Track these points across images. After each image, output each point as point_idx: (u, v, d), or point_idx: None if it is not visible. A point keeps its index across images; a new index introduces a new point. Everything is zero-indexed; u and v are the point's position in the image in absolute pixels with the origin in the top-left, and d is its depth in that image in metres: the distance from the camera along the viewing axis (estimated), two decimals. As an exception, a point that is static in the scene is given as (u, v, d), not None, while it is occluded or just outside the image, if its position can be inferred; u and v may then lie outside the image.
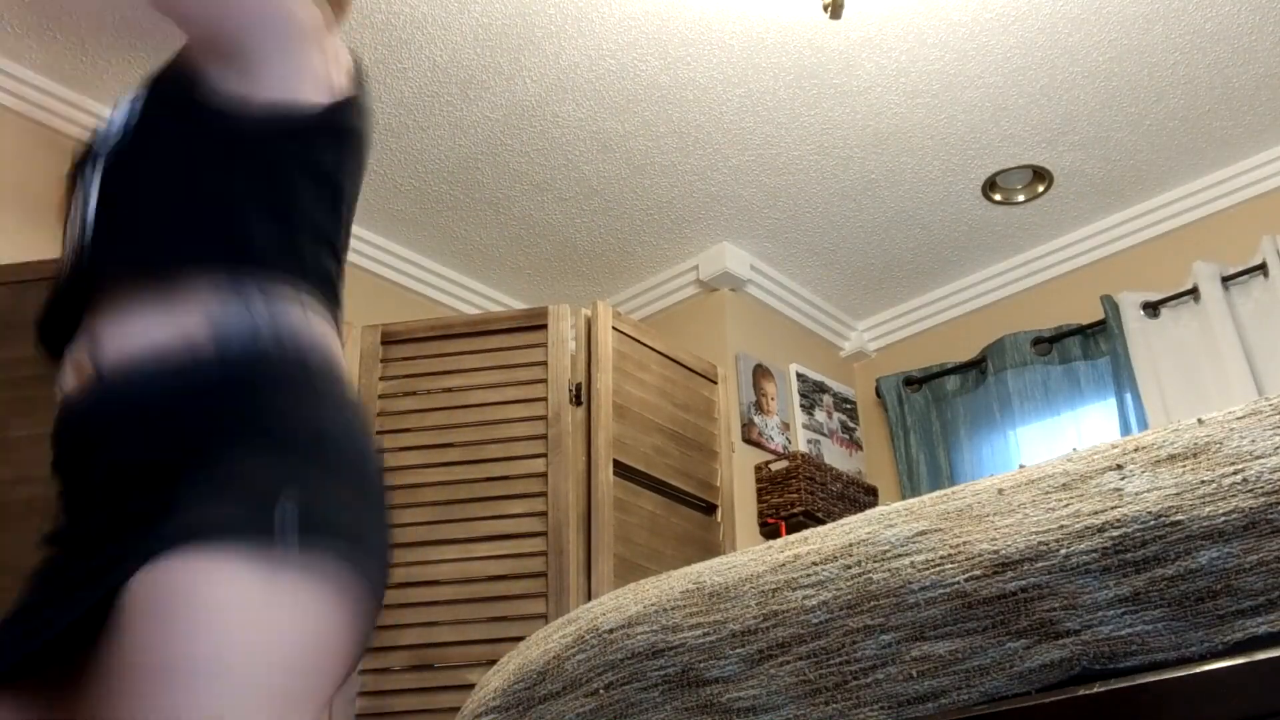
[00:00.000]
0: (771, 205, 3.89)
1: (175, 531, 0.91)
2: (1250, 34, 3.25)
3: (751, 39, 3.24)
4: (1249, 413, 1.18)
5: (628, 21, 3.15)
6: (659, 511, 3.15)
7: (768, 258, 4.17)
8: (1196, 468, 1.14)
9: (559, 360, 3.06)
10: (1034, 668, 1.11)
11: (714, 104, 3.45)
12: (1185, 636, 1.05)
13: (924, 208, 3.92)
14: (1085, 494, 1.19)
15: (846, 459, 4.25)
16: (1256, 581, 1.04)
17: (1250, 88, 3.44)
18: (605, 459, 3.01)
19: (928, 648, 1.17)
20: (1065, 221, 4.03)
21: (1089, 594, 1.10)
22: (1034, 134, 3.61)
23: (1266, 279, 3.56)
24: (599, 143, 3.57)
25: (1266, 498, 1.07)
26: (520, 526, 2.87)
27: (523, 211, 3.86)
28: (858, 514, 1.40)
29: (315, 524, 0.95)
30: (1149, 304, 3.75)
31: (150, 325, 1.05)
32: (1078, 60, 3.32)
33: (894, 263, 4.22)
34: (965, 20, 3.19)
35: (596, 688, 1.36)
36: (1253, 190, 3.76)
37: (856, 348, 4.53)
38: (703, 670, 1.30)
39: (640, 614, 1.39)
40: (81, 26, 3.07)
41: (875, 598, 1.22)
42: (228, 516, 0.92)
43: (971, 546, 1.20)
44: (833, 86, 3.41)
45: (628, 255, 4.13)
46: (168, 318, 1.04)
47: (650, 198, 3.83)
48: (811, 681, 1.22)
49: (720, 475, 3.41)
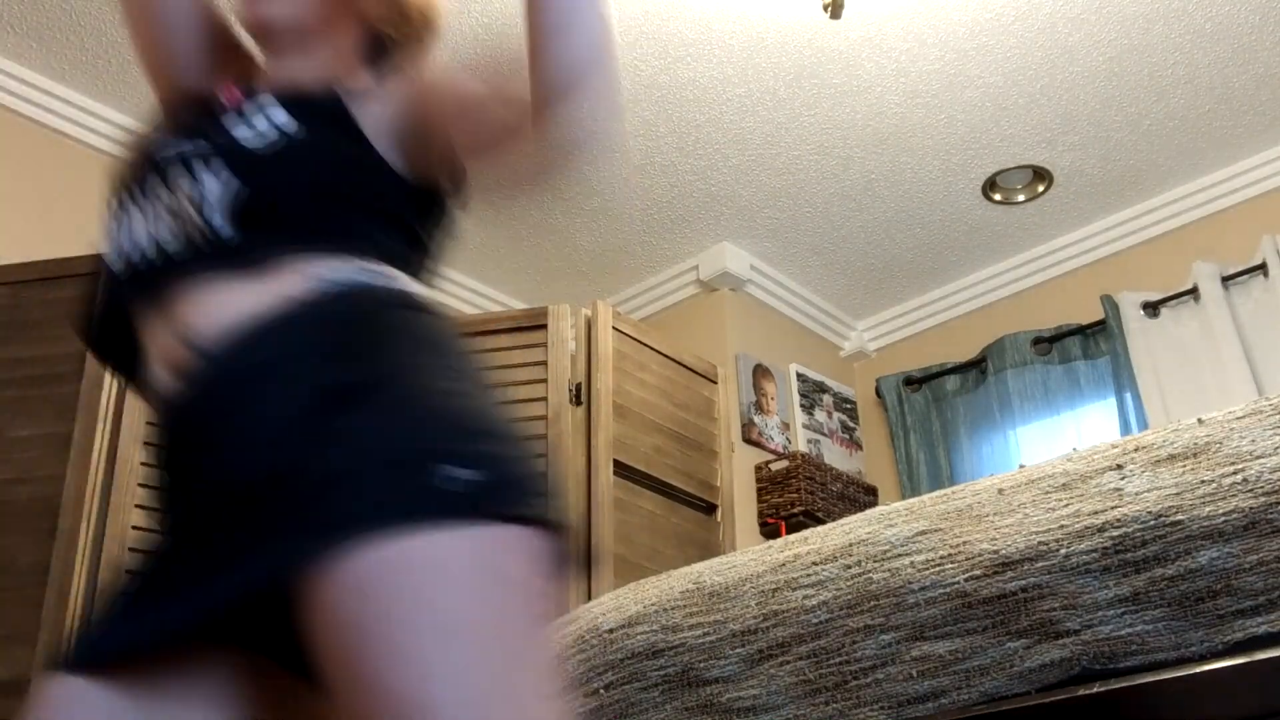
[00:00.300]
0: (771, 205, 3.89)
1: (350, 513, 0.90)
2: (1250, 34, 3.25)
3: (751, 39, 3.24)
4: (1249, 413, 1.18)
5: (628, 21, 3.15)
6: (659, 511, 3.15)
7: (768, 258, 4.17)
8: (1196, 468, 1.14)
9: (559, 360, 3.06)
10: (1034, 668, 1.11)
11: (714, 104, 3.45)
12: (1185, 636, 1.05)
13: (924, 208, 3.92)
14: (1085, 494, 1.19)
15: (846, 459, 4.25)
16: (1256, 581, 1.04)
17: (1250, 88, 3.44)
18: (605, 459, 3.01)
19: (928, 648, 1.17)
20: (1065, 221, 4.03)
21: (1089, 594, 1.10)
22: (1034, 134, 3.61)
23: (1266, 279, 3.56)
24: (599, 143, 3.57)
25: (1266, 498, 1.07)
26: (520, 526, 2.86)
27: (523, 211, 3.86)
28: (858, 514, 1.40)
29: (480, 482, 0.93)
30: (1149, 304, 3.75)
31: (243, 295, 1.03)
32: (1078, 60, 3.32)
33: (894, 263, 4.22)
34: (965, 20, 3.19)
35: (596, 687, 1.36)
36: (1253, 190, 3.76)
37: (856, 348, 4.53)
38: (703, 670, 1.30)
39: (640, 614, 1.39)
40: (81, 27, 3.07)
41: (875, 598, 1.22)
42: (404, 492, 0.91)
43: (971, 546, 1.20)
44: (833, 86, 3.41)
45: (628, 255, 4.12)
46: (260, 286, 1.03)
47: (650, 198, 3.83)
48: (811, 681, 1.22)
49: (720, 475, 3.41)
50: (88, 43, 3.12)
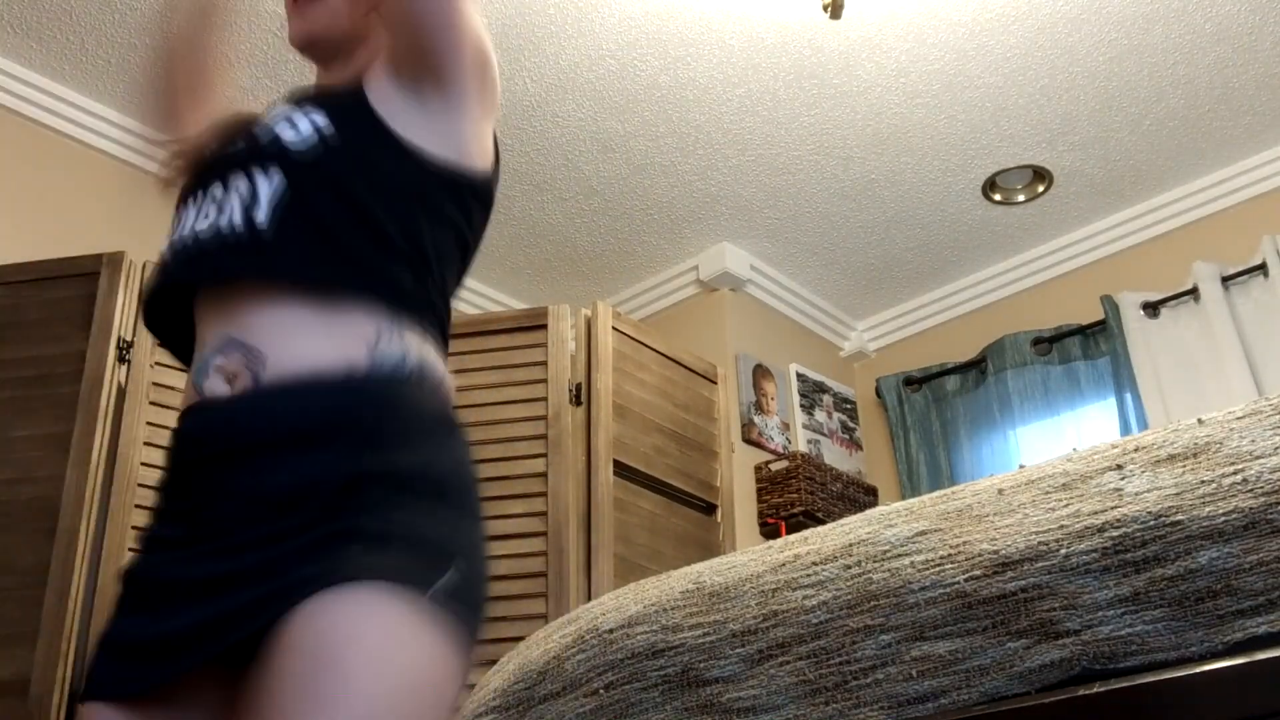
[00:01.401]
0: (771, 205, 3.89)
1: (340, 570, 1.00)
2: (1250, 34, 3.25)
3: (751, 39, 3.24)
4: (1249, 413, 1.18)
5: (628, 21, 3.15)
6: (659, 511, 3.15)
7: (768, 258, 4.17)
8: (1196, 468, 1.14)
9: (559, 360, 3.06)
10: (1034, 668, 1.11)
11: (714, 104, 3.45)
12: (1185, 636, 1.05)
13: (924, 208, 3.92)
14: (1085, 494, 1.19)
15: (846, 459, 4.25)
16: (1256, 581, 1.04)
17: (1250, 88, 3.44)
18: (605, 459, 3.01)
19: (928, 648, 1.17)
20: (1065, 221, 4.03)
21: (1089, 594, 1.10)
22: (1034, 134, 3.61)
23: (1266, 279, 3.56)
24: (599, 143, 3.57)
25: (1266, 498, 1.07)
26: (520, 526, 2.86)
27: (522, 211, 3.86)
28: (858, 514, 1.40)
29: (464, 594, 1.06)
30: (1149, 304, 3.75)
31: (313, 346, 1.11)
32: (1078, 60, 3.32)
33: (894, 263, 4.22)
34: (965, 20, 3.19)
35: (596, 688, 1.36)
36: (1253, 190, 3.76)
37: (856, 348, 4.53)
38: (703, 670, 1.30)
39: (640, 614, 1.39)
40: (81, 27, 3.07)
41: (875, 598, 1.22)
42: (394, 568, 1.02)
43: (971, 546, 1.20)
44: (832, 87, 3.41)
45: (628, 255, 4.13)
46: (329, 341, 1.11)
47: (650, 198, 3.83)
48: (811, 681, 1.22)
49: (720, 475, 3.40)
50: (88, 43, 3.12)
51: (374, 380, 1.11)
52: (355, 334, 1.12)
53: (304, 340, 1.11)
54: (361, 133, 1.21)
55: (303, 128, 1.20)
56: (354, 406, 1.10)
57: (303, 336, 1.11)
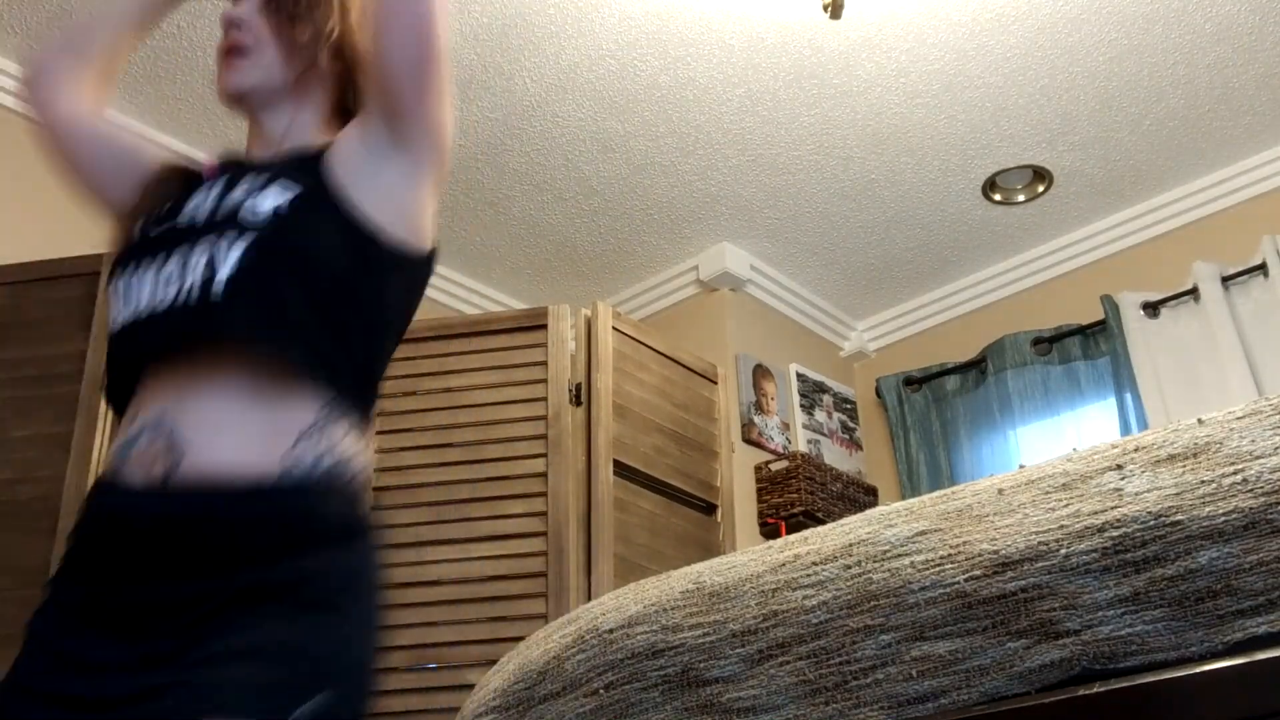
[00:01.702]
0: (771, 205, 3.89)
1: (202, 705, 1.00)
2: (1250, 34, 3.25)
3: (751, 39, 3.24)
4: (1249, 413, 1.18)
5: (628, 21, 3.15)
6: (659, 511, 3.15)
7: (767, 258, 4.17)
8: (1196, 468, 1.14)
9: (559, 360, 3.06)
10: (1034, 668, 1.11)
11: (714, 104, 3.45)
12: (1185, 636, 1.05)
13: (924, 208, 3.92)
14: (1085, 494, 1.19)
15: (846, 459, 4.25)
16: (1256, 581, 1.04)
17: (1250, 88, 3.44)
18: (605, 459, 3.01)
19: (928, 648, 1.17)
20: (1065, 221, 4.03)
21: (1089, 594, 1.10)
22: (1034, 134, 3.61)
23: (1266, 279, 3.56)
24: (599, 143, 3.57)
25: (1266, 498, 1.07)
26: (520, 526, 2.86)
27: (522, 211, 3.86)
28: (858, 514, 1.40)
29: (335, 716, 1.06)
30: (1149, 304, 3.75)
31: (235, 443, 1.11)
32: (1078, 60, 3.32)
33: (894, 263, 4.22)
34: (965, 20, 3.19)
35: (596, 688, 1.36)
36: (1253, 190, 3.76)
37: (856, 348, 4.53)
38: (703, 670, 1.30)
39: (640, 614, 1.39)
40: (81, 26, 3.07)
41: (875, 598, 1.22)
42: (259, 694, 1.01)
43: (971, 546, 1.20)
44: (832, 87, 3.41)
45: (628, 255, 4.13)
46: (256, 437, 1.12)
47: (650, 198, 3.83)
48: (811, 681, 1.22)
49: (720, 475, 3.40)
50: (88, 43, 3.12)
51: (280, 491, 1.12)
52: (284, 429, 1.13)
53: (229, 436, 1.12)
54: (319, 208, 1.21)
55: (262, 203, 1.20)
56: (251, 521, 1.10)
57: (230, 431, 1.12)
